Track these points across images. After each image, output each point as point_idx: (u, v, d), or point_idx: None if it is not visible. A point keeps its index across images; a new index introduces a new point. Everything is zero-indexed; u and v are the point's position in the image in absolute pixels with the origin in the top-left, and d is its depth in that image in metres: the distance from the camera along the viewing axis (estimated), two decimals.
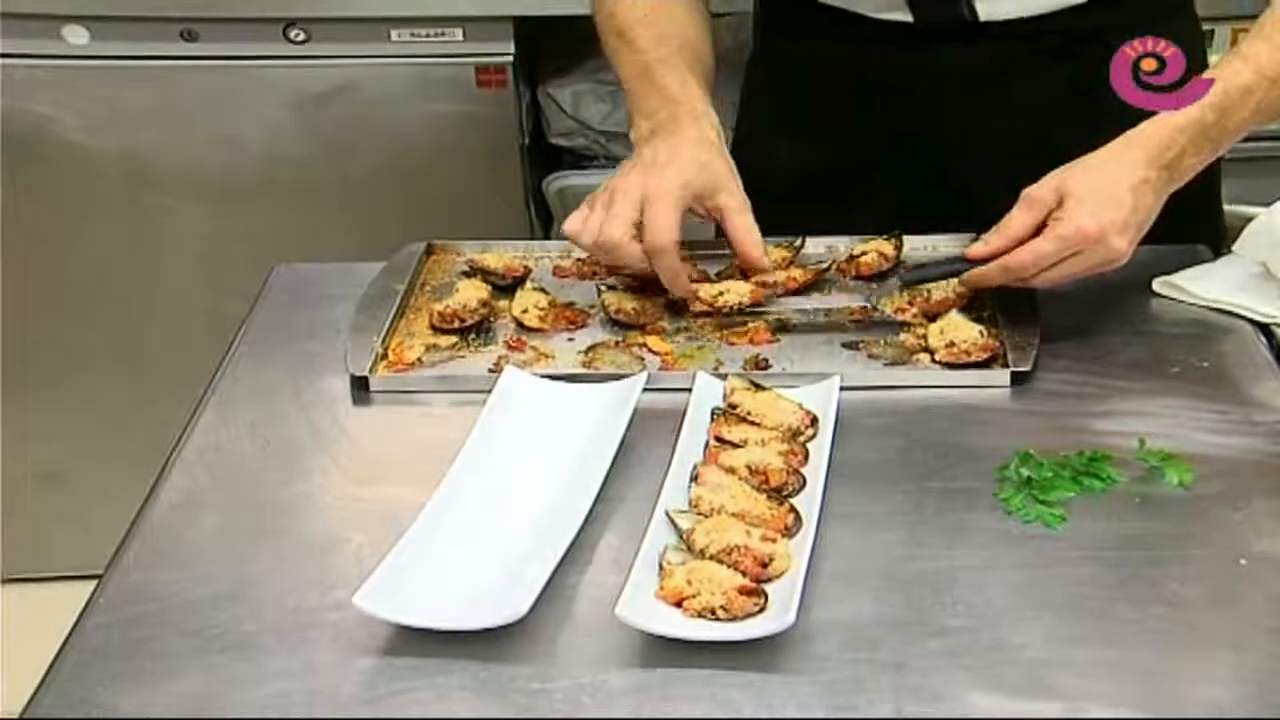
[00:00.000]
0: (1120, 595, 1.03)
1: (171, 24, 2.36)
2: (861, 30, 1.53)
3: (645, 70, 1.46)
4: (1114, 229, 1.26)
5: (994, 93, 1.53)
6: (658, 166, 1.37)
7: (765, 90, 1.71)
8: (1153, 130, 1.29)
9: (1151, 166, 1.28)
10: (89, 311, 2.58)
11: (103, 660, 1.02)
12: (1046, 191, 1.29)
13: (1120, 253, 1.28)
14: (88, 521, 2.36)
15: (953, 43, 1.52)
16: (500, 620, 0.99)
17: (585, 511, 1.10)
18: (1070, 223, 1.26)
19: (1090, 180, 1.28)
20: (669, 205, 1.34)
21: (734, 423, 1.22)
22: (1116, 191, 1.27)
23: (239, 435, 1.28)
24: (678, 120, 1.41)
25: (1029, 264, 1.29)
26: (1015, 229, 1.30)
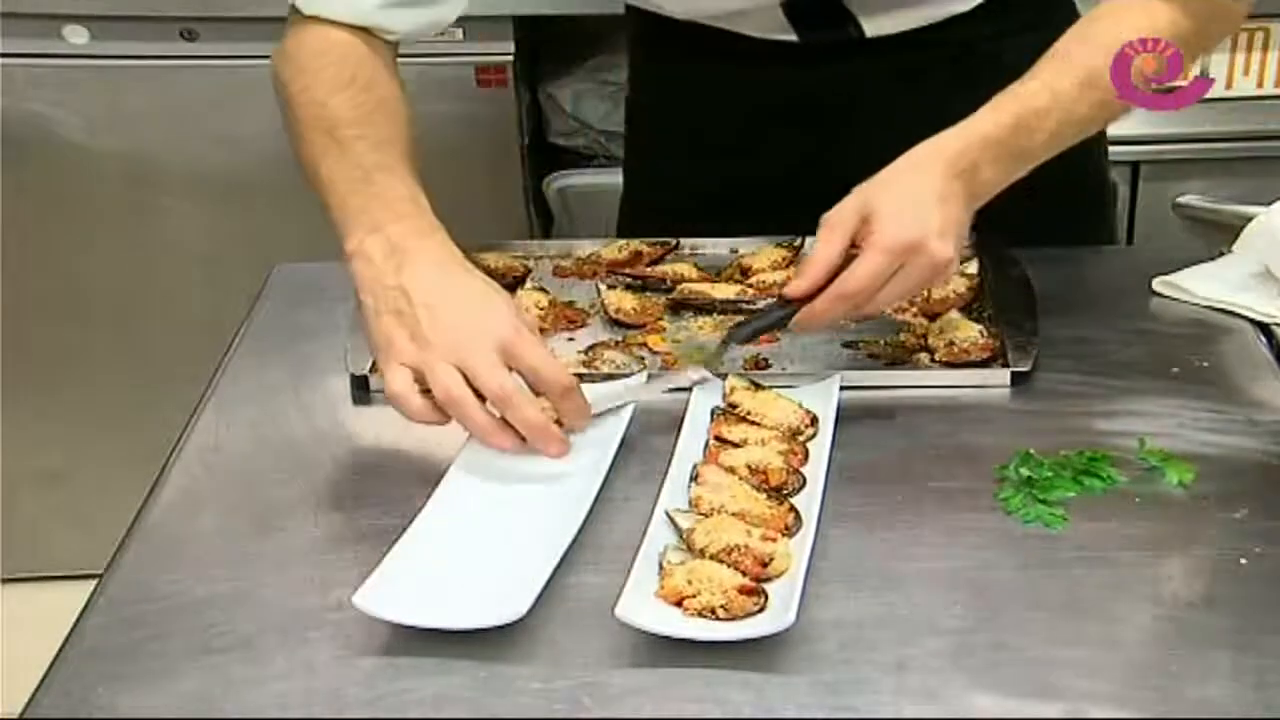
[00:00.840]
0: (1120, 595, 1.03)
1: (171, 23, 2.36)
2: (746, 51, 1.52)
3: (365, 179, 1.28)
4: (933, 234, 1.19)
5: (885, 106, 1.52)
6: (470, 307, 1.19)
7: (651, 114, 1.69)
8: (946, 143, 1.24)
9: (949, 178, 1.22)
10: (89, 311, 2.58)
11: (102, 660, 1.02)
12: (847, 213, 1.22)
13: (946, 257, 1.20)
14: (88, 521, 2.36)
15: (840, 60, 1.51)
16: (500, 620, 0.99)
17: (585, 511, 1.10)
18: (887, 234, 1.19)
19: (892, 194, 1.22)
20: (534, 342, 1.18)
21: (734, 422, 1.22)
22: (922, 201, 1.21)
23: (239, 435, 1.28)
24: (410, 242, 1.24)
25: (863, 285, 1.19)
26: (826, 256, 1.21)
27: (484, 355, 1.15)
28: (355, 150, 1.31)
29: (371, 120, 1.33)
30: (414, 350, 1.17)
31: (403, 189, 1.29)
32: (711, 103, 1.59)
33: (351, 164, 1.30)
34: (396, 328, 1.19)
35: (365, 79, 1.36)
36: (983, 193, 1.25)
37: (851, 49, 1.51)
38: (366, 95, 1.35)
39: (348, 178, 1.29)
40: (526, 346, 1.16)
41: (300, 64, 1.38)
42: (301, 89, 1.36)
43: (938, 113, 1.47)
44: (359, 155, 1.30)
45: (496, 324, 1.17)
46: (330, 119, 1.33)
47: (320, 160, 1.32)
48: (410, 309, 1.19)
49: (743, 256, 1.49)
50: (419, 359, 1.17)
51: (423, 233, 1.25)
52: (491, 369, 1.15)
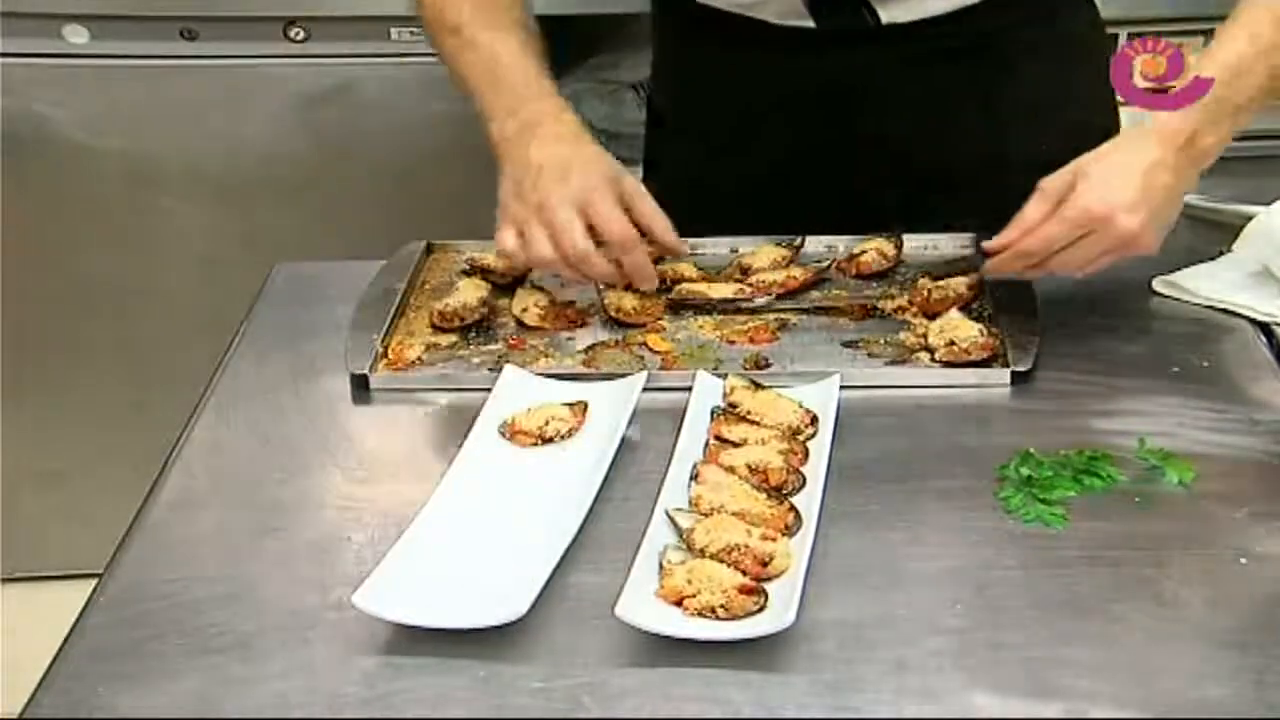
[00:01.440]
0: (1120, 595, 1.03)
1: (171, 23, 2.36)
2: (764, 37, 1.53)
3: (492, 68, 1.44)
4: (1122, 208, 1.25)
5: (899, 94, 1.53)
6: (566, 168, 1.35)
7: (672, 101, 1.70)
8: (1163, 119, 1.28)
9: (1167, 148, 1.27)
10: (89, 310, 2.58)
11: (103, 659, 1.02)
12: (1061, 179, 1.28)
13: (1132, 232, 1.26)
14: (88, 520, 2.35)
15: (855, 47, 1.52)
16: (500, 619, 0.99)
17: (585, 511, 1.10)
18: (1076, 204, 1.25)
19: (1102, 164, 1.27)
20: (612, 201, 1.34)
21: (734, 422, 1.22)
22: (1127, 173, 1.26)
23: (239, 434, 1.28)
24: (544, 117, 1.40)
25: (1038, 248, 1.27)
26: (1028, 218, 1.29)
27: (566, 216, 1.32)
28: (480, 44, 1.44)
29: (489, 13, 1.46)
30: (519, 211, 1.35)
31: (528, 75, 1.42)
32: (731, 90, 1.60)
33: (480, 58, 1.44)
34: (511, 195, 1.36)
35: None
36: (1203, 158, 1.29)
37: (867, 36, 1.51)
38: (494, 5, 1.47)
39: (480, 72, 1.43)
40: (600, 204, 1.32)
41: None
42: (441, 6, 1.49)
43: (952, 101, 1.48)
44: (480, 48, 1.44)
45: (581, 186, 1.33)
46: (454, 21, 1.46)
47: (455, 60, 1.47)
48: (526, 177, 1.35)
49: (742, 256, 1.49)
50: (520, 218, 1.34)
51: (549, 111, 1.40)
52: (566, 225, 1.32)
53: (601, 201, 1.33)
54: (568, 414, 1.23)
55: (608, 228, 1.33)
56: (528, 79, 1.43)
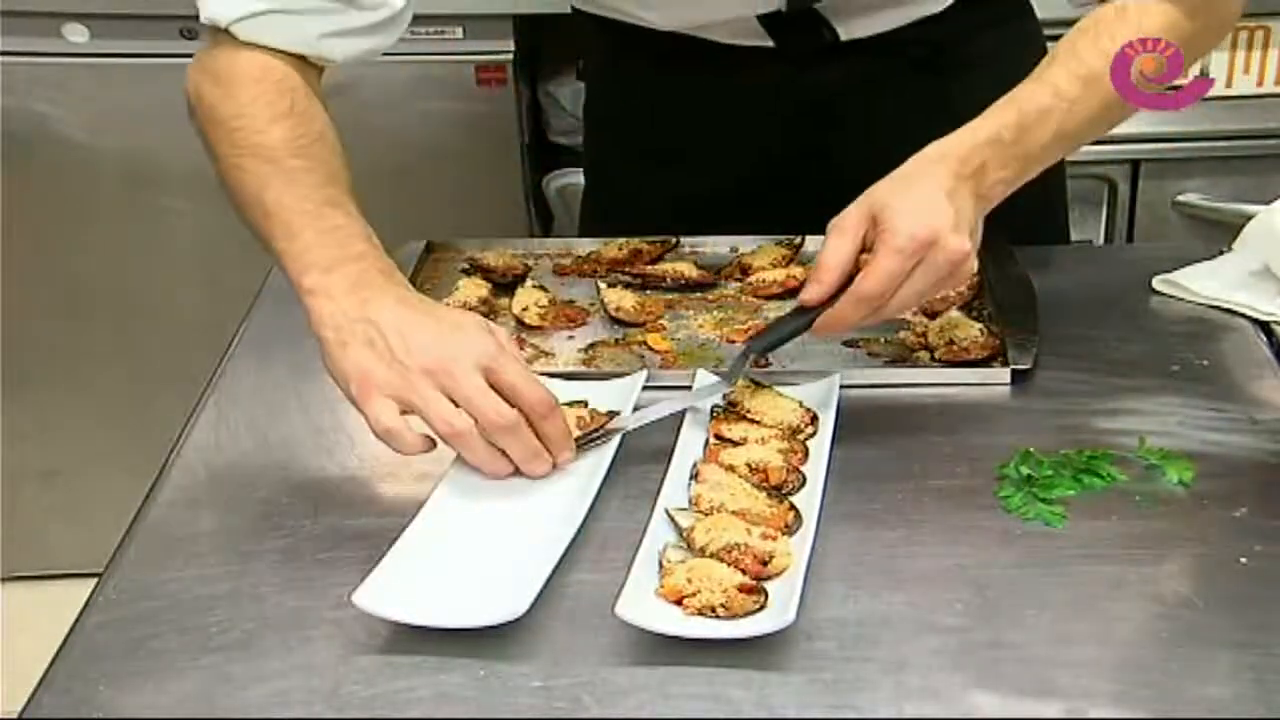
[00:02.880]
0: (1120, 594, 1.03)
1: (171, 22, 2.35)
2: (717, 57, 1.52)
3: (316, 214, 1.23)
4: (947, 228, 1.16)
5: (861, 108, 1.53)
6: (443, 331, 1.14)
7: (618, 117, 1.68)
8: (951, 146, 1.22)
9: (957, 178, 1.20)
10: (89, 309, 2.58)
11: (102, 659, 1.02)
12: (855, 216, 1.19)
13: (963, 250, 1.17)
14: (88, 519, 2.36)
15: (815, 64, 1.51)
16: (500, 618, 0.99)
17: (585, 510, 1.10)
18: (899, 233, 1.16)
19: (901, 194, 1.19)
20: (515, 362, 1.14)
21: (734, 421, 1.22)
22: (932, 197, 1.18)
23: (239, 433, 1.28)
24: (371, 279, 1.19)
25: (880, 287, 1.16)
26: (838, 260, 1.19)
27: (470, 378, 1.11)
28: (303, 183, 1.25)
29: (313, 153, 1.28)
30: (394, 379, 1.12)
31: (356, 226, 1.23)
32: (683, 110, 1.58)
33: (300, 197, 1.24)
34: (372, 359, 1.13)
35: (302, 109, 1.30)
36: (992, 195, 1.23)
37: (826, 53, 1.51)
38: (306, 127, 1.29)
39: (298, 210, 1.23)
40: (509, 364, 1.13)
41: (232, 88, 1.30)
42: (235, 114, 1.29)
43: (912, 112, 1.48)
44: (307, 189, 1.25)
45: (475, 343, 1.13)
46: (271, 148, 1.27)
47: (264, 191, 1.25)
48: (382, 338, 1.13)
49: (743, 255, 1.49)
50: (401, 387, 1.11)
51: (383, 272, 1.20)
52: (483, 394, 1.11)
53: (506, 362, 1.13)
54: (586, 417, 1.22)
55: (526, 392, 1.13)
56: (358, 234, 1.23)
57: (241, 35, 1.31)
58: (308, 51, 1.34)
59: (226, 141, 1.29)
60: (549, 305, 1.42)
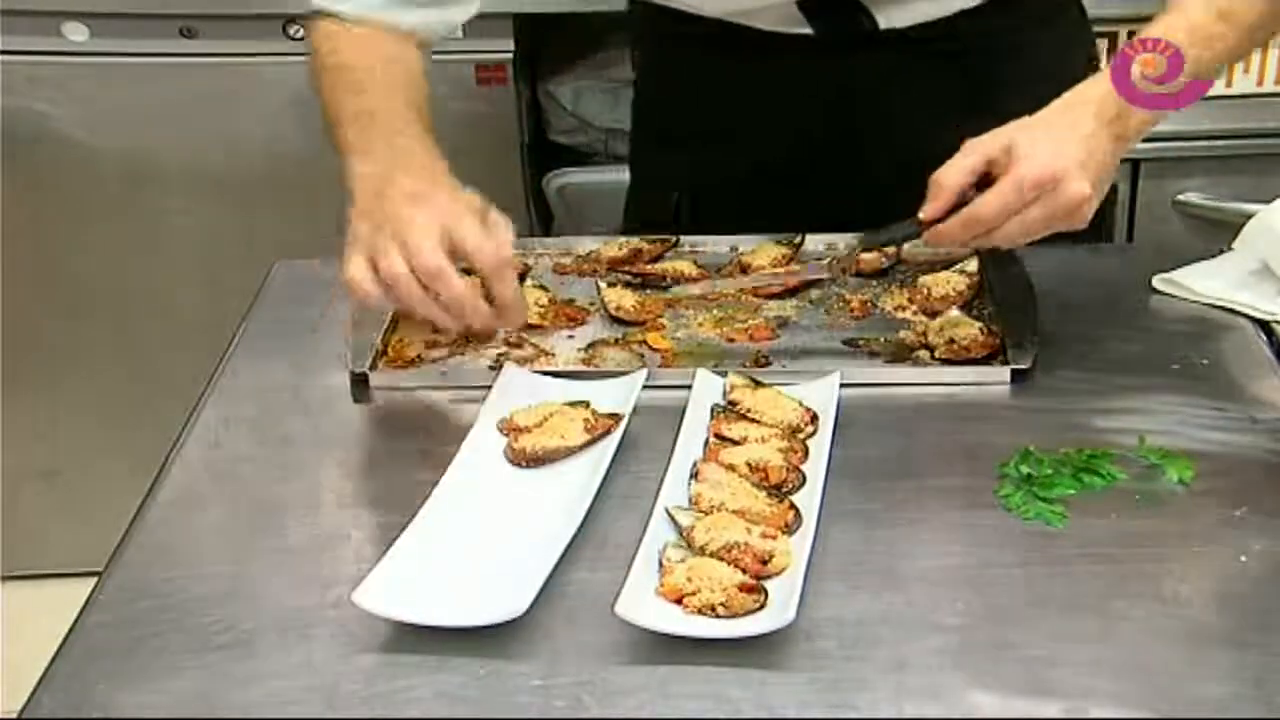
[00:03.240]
0: (1121, 593, 1.03)
1: (171, 21, 2.36)
2: (758, 44, 1.52)
3: (372, 116, 1.37)
4: (1073, 169, 1.20)
5: (896, 97, 1.54)
6: (426, 193, 1.27)
7: (658, 101, 1.70)
8: (1092, 89, 1.26)
9: (1098, 122, 1.24)
10: (88, 308, 2.58)
11: (102, 658, 1.02)
12: (988, 140, 1.24)
13: (1083, 195, 1.21)
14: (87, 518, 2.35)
15: (852, 52, 1.52)
16: (500, 617, 0.99)
17: (585, 509, 1.10)
18: (1023, 167, 1.20)
19: (1037, 132, 1.23)
20: (478, 225, 1.25)
21: (734, 420, 1.22)
22: (1069, 138, 1.22)
23: (239, 432, 1.28)
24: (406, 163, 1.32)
25: (992, 214, 1.21)
26: (954, 178, 1.23)
27: (423, 234, 1.22)
28: (366, 91, 1.39)
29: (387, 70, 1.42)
30: (368, 237, 1.25)
31: (400, 123, 1.36)
32: (724, 96, 1.59)
33: (361, 105, 1.38)
34: (363, 224, 1.27)
35: (383, 40, 1.44)
36: (1133, 135, 1.26)
37: (864, 41, 1.51)
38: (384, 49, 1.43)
39: (357, 115, 1.37)
40: (463, 226, 1.24)
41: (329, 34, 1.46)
42: (329, 50, 1.44)
43: (950, 103, 1.48)
44: (369, 96, 1.39)
45: (442, 210, 1.25)
46: (346, 64, 1.42)
47: (337, 101, 1.40)
48: (379, 207, 1.26)
49: (742, 254, 1.49)
50: (371, 243, 1.24)
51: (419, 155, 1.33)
52: (426, 248, 1.22)
53: (466, 224, 1.24)
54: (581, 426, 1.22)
55: (476, 250, 1.24)
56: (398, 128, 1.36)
57: (315, 4, 1.46)
58: (374, 18, 1.45)
59: (317, 65, 1.45)
60: (549, 304, 1.42)
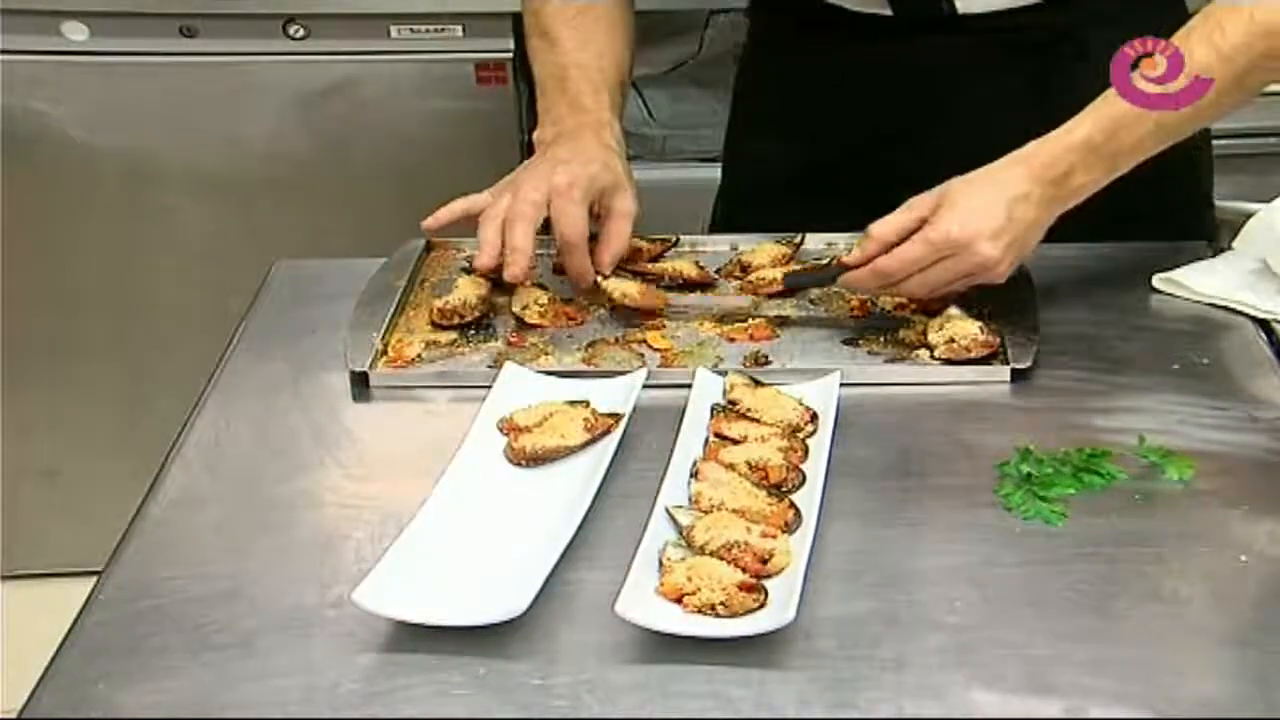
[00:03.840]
0: (1120, 592, 1.03)
1: (171, 20, 2.36)
2: (841, 25, 1.54)
3: (561, 76, 1.50)
4: (984, 235, 1.26)
5: (969, 86, 1.54)
6: (561, 162, 1.41)
7: (752, 91, 1.72)
8: (1040, 148, 1.29)
9: (1036, 182, 1.28)
10: (88, 307, 2.58)
11: (102, 657, 1.02)
12: (925, 198, 1.30)
13: (991, 259, 1.27)
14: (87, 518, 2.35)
15: (929, 36, 1.52)
16: (500, 617, 0.99)
17: (585, 508, 1.10)
18: (937, 227, 1.27)
19: (969, 190, 1.29)
20: (574, 198, 1.38)
21: (734, 419, 1.22)
22: (992, 201, 1.27)
23: (239, 432, 1.28)
24: (581, 129, 1.45)
25: (897, 269, 1.29)
26: (884, 232, 1.31)
27: (529, 191, 1.38)
28: (559, 49, 1.51)
29: (574, 24, 1.51)
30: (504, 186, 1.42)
31: (588, 87, 1.48)
32: (807, 76, 1.61)
33: (555, 63, 1.50)
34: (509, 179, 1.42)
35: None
36: (1073, 197, 1.29)
37: (943, 25, 1.51)
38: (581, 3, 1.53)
39: (549, 76, 1.51)
40: (562, 203, 1.37)
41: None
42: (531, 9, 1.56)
43: (1026, 93, 1.48)
44: (560, 54, 1.50)
45: (562, 175, 1.38)
46: (544, 23, 1.53)
47: (534, 61, 1.54)
48: (532, 160, 1.43)
49: (742, 254, 1.49)
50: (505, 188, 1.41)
51: (592, 125, 1.45)
52: (522, 197, 1.37)
53: (565, 197, 1.38)
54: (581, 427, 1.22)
55: (558, 222, 1.38)
56: (590, 90, 1.48)
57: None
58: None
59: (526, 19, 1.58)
60: (549, 303, 1.41)
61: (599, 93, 1.49)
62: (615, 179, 1.42)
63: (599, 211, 1.42)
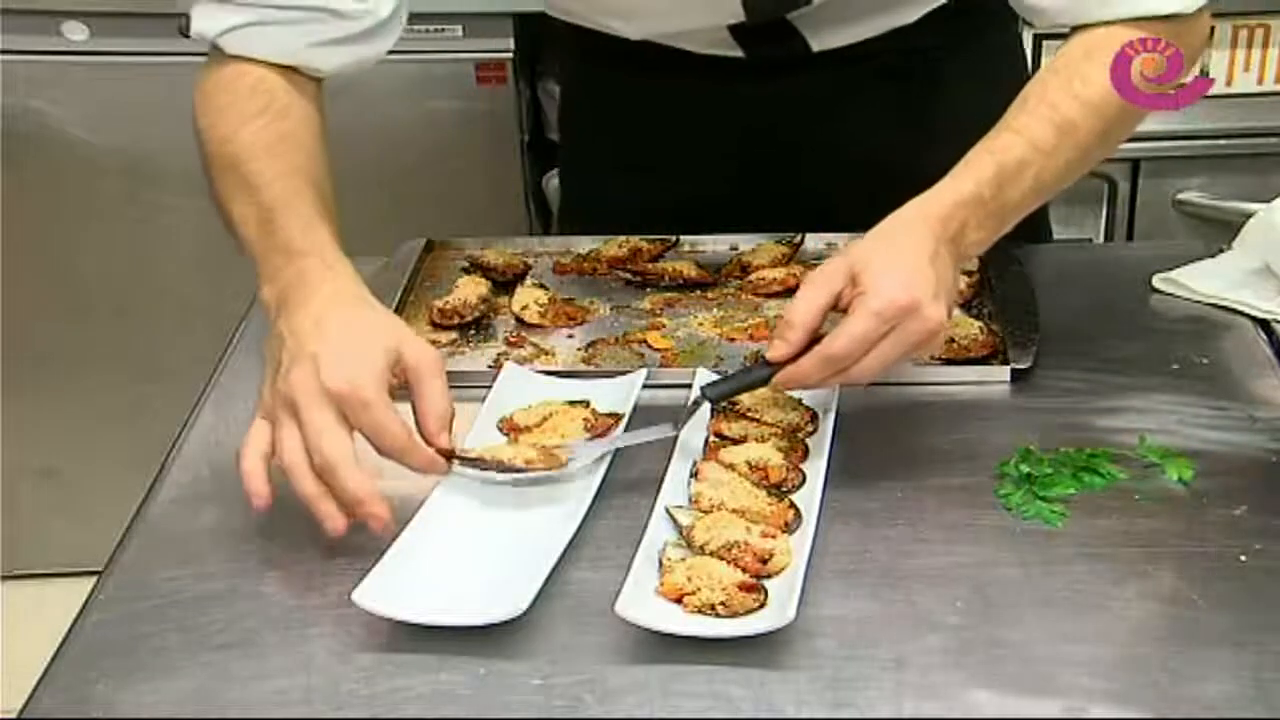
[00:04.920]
0: (1120, 592, 1.03)
1: (171, 20, 2.32)
2: (690, 67, 1.50)
3: (266, 219, 1.22)
4: (927, 296, 1.12)
5: (830, 117, 1.52)
6: (330, 349, 1.10)
7: (590, 123, 1.68)
8: (933, 205, 1.18)
9: (938, 240, 1.15)
10: (89, 307, 2.58)
11: (102, 657, 1.02)
12: (832, 271, 1.15)
13: (939, 321, 1.12)
14: (87, 517, 2.35)
15: (785, 74, 1.50)
16: (501, 617, 0.99)
17: (585, 508, 1.10)
18: (879, 296, 1.11)
19: (883, 254, 1.15)
20: (380, 398, 1.09)
21: (734, 419, 1.22)
22: (915, 262, 1.13)
23: (239, 431, 1.27)
24: (306, 279, 1.17)
25: (850, 348, 1.11)
26: (806, 315, 1.14)
27: (319, 414, 1.07)
28: (257, 187, 1.24)
29: (274, 151, 1.27)
30: (271, 403, 1.11)
31: (298, 225, 1.21)
32: (653, 119, 1.58)
33: (255, 204, 1.24)
34: (268, 380, 1.13)
35: (278, 108, 1.31)
36: (969, 254, 1.21)
37: (798, 63, 1.49)
38: (275, 125, 1.30)
39: (253, 219, 1.23)
40: (360, 407, 1.07)
41: (210, 100, 1.32)
42: (210, 125, 1.31)
43: (883, 121, 1.47)
44: (260, 192, 1.24)
45: (340, 377, 1.08)
46: (234, 155, 1.27)
47: (230, 203, 1.26)
48: (284, 357, 1.12)
49: (742, 254, 1.49)
50: (271, 413, 1.11)
51: (317, 269, 1.17)
52: (321, 433, 1.07)
53: (362, 412, 1.08)
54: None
55: (377, 435, 1.09)
56: (299, 232, 1.21)
57: (228, 49, 1.33)
58: (293, 62, 1.35)
59: (204, 154, 1.31)
60: (549, 303, 1.42)
61: (310, 228, 1.21)
62: (388, 337, 1.13)
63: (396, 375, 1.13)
